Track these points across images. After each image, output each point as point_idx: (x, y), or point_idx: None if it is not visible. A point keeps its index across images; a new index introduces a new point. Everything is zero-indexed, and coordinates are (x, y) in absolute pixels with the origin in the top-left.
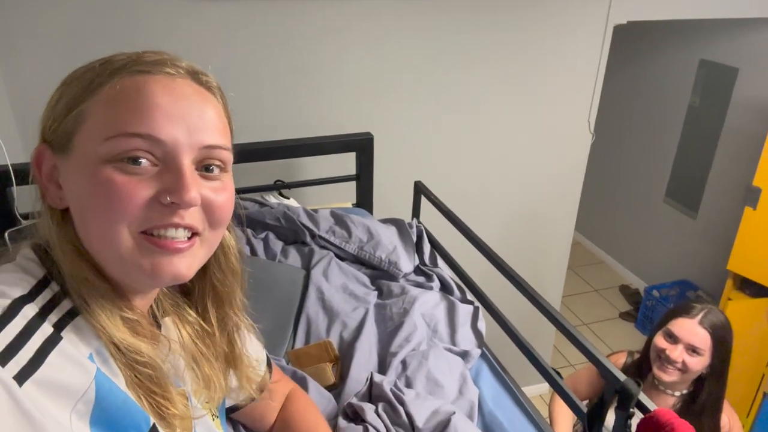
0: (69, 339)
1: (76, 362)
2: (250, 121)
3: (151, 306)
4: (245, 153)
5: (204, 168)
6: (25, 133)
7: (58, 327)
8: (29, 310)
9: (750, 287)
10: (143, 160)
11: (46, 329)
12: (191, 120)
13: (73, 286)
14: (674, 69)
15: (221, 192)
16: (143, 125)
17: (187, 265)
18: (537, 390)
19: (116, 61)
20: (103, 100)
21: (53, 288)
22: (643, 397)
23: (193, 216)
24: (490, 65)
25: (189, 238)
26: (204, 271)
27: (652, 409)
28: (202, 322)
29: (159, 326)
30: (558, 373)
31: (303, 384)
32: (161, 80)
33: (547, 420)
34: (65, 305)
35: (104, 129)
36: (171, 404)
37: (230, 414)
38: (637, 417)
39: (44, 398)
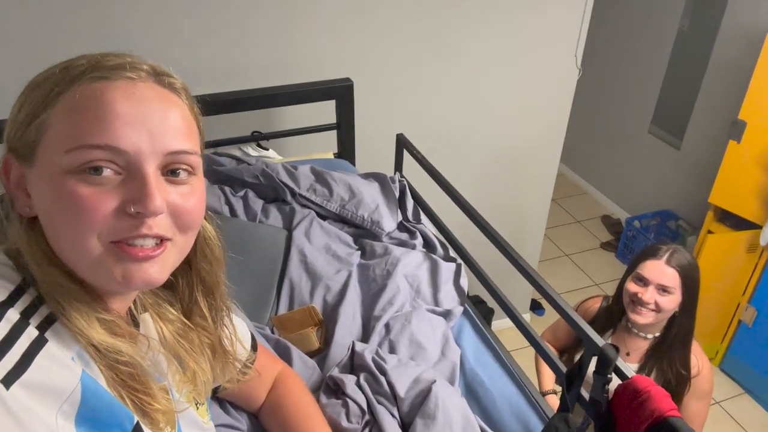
0: (53, 342)
1: (62, 364)
2: (224, 68)
3: (129, 306)
4: (221, 104)
5: (170, 173)
6: None
7: (41, 331)
8: (12, 315)
9: (730, 219)
10: (106, 170)
11: (31, 332)
12: (153, 126)
13: (48, 291)
14: None
15: (189, 197)
16: (103, 136)
17: (158, 270)
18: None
19: (76, 67)
20: (63, 110)
21: (31, 293)
22: (620, 363)
23: (160, 224)
24: (474, 2)
25: (158, 245)
26: (189, 265)
27: (630, 375)
28: (184, 319)
29: (137, 325)
30: (539, 305)
31: (287, 353)
32: (121, 86)
33: (528, 377)
34: (44, 310)
35: (65, 140)
36: (153, 400)
37: (215, 394)
38: (615, 382)
39: (31, 400)
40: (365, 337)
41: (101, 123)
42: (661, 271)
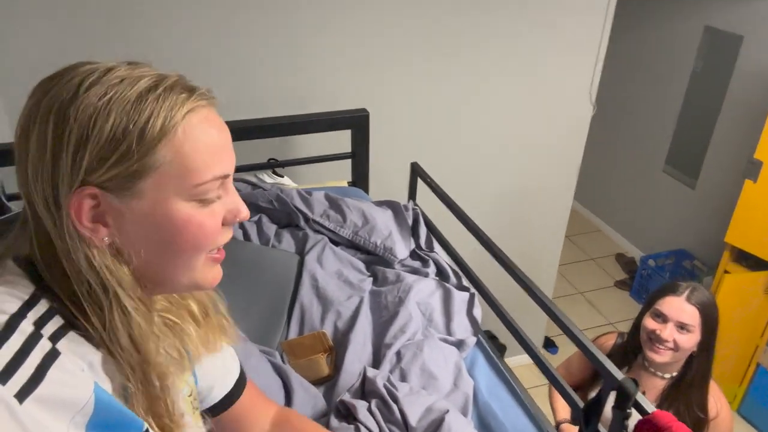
0: (65, 354)
1: (75, 376)
2: (243, 97)
3: None
4: (238, 131)
5: None
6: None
7: (54, 342)
8: (26, 326)
9: (747, 259)
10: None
11: (44, 345)
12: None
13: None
14: (679, 35)
15: None
16: (214, 169)
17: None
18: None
19: (160, 98)
20: (171, 149)
21: (43, 304)
22: (640, 398)
23: None
24: (490, 38)
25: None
26: None
27: (650, 411)
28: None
29: None
30: (552, 342)
31: (286, 380)
32: (209, 115)
33: (541, 410)
34: (57, 320)
35: (181, 177)
36: (168, 414)
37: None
38: (635, 416)
39: (44, 414)
40: (376, 365)
41: (212, 156)
42: (680, 308)
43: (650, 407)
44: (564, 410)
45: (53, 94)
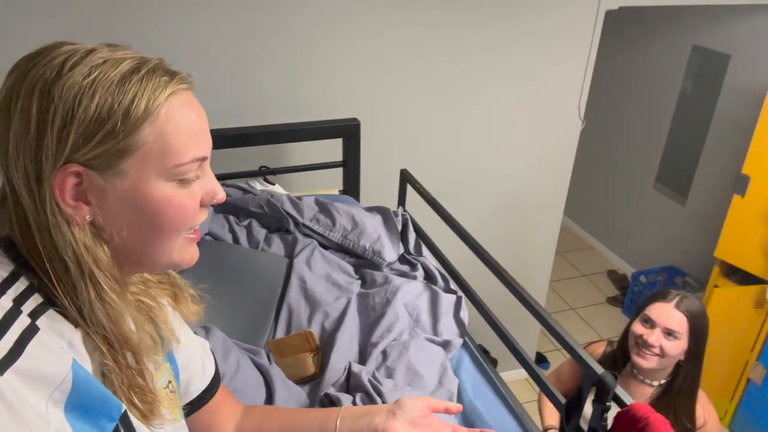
0: (45, 330)
1: (54, 352)
2: (234, 105)
3: None
4: (230, 138)
5: None
6: None
7: (33, 318)
8: (5, 302)
9: (736, 274)
10: (193, 176)
11: (23, 320)
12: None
13: (104, 287)
14: (666, 54)
15: None
16: (194, 151)
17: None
18: (524, 374)
19: (142, 80)
20: (154, 130)
21: (23, 282)
22: (620, 391)
23: None
24: (480, 51)
25: None
26: None
27: (628, 403)
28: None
29: None
30: (544, 358)
31: (269, 378)
32: (189, 98)
33: (525, 408)
34: (36, 298)
35: (163, 158)
36: (148, 390)
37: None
38: (614, 410)
39: (23, 387)
40: (362, 363)
41: (192, 138)
42: (668, 314)
43: (629, 400)
44: (551, 416)
45: (35, 72)
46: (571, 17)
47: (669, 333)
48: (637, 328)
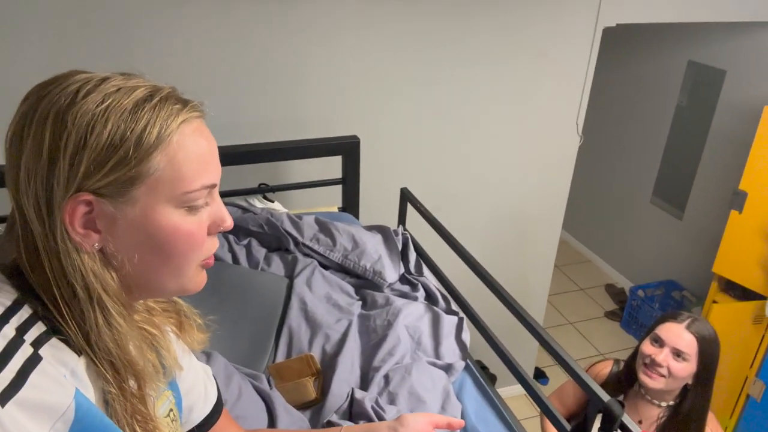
0: (47, 359)
1: (56, 382)
2: (235, 122)
3: None
4: (230, 156)
5: None
6: None
7: (36, 347)
8: (8, 331)
9: (735, 290)
10: (202, 203)
11: (26, 350)
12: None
13: (110, 312)
14: (663, 70)
15: None
16: (203, 179)
17: None
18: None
19: (154, 110)
20: (165, 157)
21: (26, 310)
22: (626, 419)
23: None
24: (479, 68)
25: None
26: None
27: None
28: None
29: None
30: (543, 373)
31: (270, 404)
32: (199, 126)
33: (525, 427)
34: (40, 326)
35: (174, 185)
36: (150, 418)
37: None
38: None
39: (25, 418)
40: (364, 388)
41: (202, 166)
42: (678, 334)
43: (636, 429)
44: None
45: (50, 99)
46: (569, 35)
47: (678, 354)
48: (646, 347)
